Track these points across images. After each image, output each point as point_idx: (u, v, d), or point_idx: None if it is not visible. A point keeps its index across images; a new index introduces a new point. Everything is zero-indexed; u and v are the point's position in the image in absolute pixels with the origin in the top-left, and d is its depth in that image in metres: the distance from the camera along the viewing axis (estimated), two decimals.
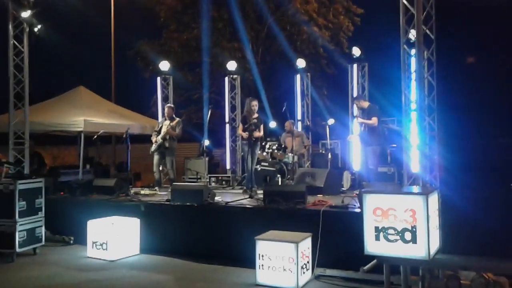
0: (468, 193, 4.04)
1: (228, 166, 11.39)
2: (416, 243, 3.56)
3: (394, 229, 3.61)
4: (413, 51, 5.48)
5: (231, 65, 11.46)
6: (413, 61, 5.50)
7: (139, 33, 18.09)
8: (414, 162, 5.56)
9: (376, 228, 3.68)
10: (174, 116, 9.12)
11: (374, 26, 16.57)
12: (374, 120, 7.67)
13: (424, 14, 5.03)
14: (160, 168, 9.19)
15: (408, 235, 3.57)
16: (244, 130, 7.94)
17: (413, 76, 5.42)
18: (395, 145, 8.57)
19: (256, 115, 8.13)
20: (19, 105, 8.20)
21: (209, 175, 10.61)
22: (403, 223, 3.58)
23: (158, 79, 11.52)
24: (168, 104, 9.71)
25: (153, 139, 8.94)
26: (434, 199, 3.78)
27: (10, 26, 8.01)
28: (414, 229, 3.55)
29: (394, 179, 8.55)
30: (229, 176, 10.53)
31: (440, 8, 4.89)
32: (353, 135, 8.26)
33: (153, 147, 8.91)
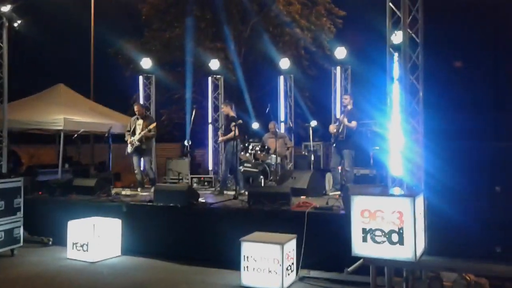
0: (452, 195, 4.09)
1: (210, 167, 11.33)
2: (403, 244, 3.58)
3: (382, 230, 3.63)
4: (396, 56, 5.55)
5: (214, 64, 11.40)
6: (397, 64, 5.57)
7: (121, 31, 17.84)
8: (397, 165, 5.62)
9: (364, 230, 3.69)
10: (145, 114, 8.98)
11: (356, 29, 16.73)
12: (353, 124, 7.79)
13: (410, 17, 5.09)
14: (141, 169, 9.06)
15: (395, 237, 3.60)
16: None
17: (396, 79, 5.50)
18: (377, 148, 8.67)
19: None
20: None
21: (191, 176, 10.54)
22: (391, 224, 3.61)
23: (140, 77, 11.38)
24: (137, 102, 9.43)
25: (128, 139, 8.74)
26: (420, 201, 3.82)
27: None
28: (401, 231, 3.58)
29: (376, 181, 8.66)
30: (211, 177, 10.49)
31: (426, 11, 4.95)
32: (333, 125, 8.31)
33: (129, 148, 8.70)
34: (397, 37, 5.37)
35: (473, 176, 4.13)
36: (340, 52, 9.82)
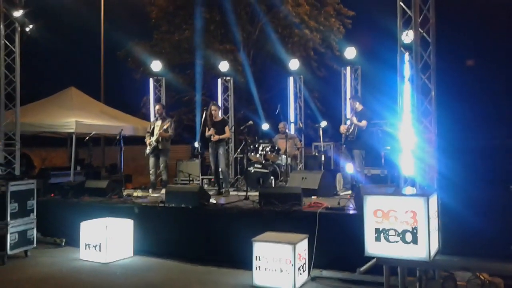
0: (465, 195, 4.07)
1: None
2: (416, 244, 3.57)
3: (395, 230, 3.62)
4: (406, 56, 5.54)
5: (224, 66, 11.43)
6: (408, 64, 5.56)
7: (130, 33, 17.94)
8: (409, 165, 5.59)
9: (377, 230, 3.68)
10: (165, 115, 9.08)
11: (366, 29, 16.68)
12: (363, 123, 7.78)
13: (421, 17, 5.07)
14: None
15: (408, 236, 3.59)
16: (205, 133, 8.35)
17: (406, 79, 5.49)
18: (389, 147, 8.63)
19: (219, 118, 8.43)
20: (10, 106, 8.09)
21: (201, 177, 10.57)
22: (404, 224, 3.59)
23: (151, 80, 11.45)
24: (159, 103, 9.61)
25: (147, 140, 8.89)
26: (434, 201, 3.80)
27: (1, 25, 7.90)
28: (415, 231, 3.56)
29: (387, 181, 8.63)
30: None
31: (437, 10, 4.93)
32: (344, 126, 8.34)
33: (148, 149, 8.84)
34: (408, 36, 5.35)
35: (486, 176, 4.11)
36: (350, 52, 9.79)
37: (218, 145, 8.31)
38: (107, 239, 6.18)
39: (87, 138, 9.53)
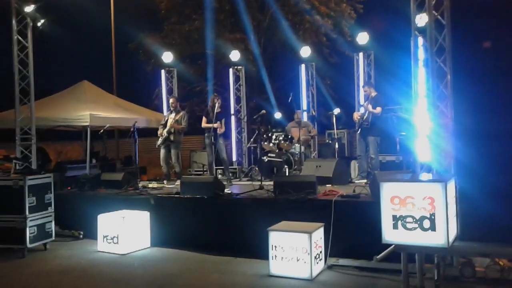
0: (484, 180, 4.00)
1: (234, 158, 11.35)
2: (435, 230, 3.52)
3: (413, 217, 3.57)
4: (420, 40, 5.45)
5: (235, 55, 11.38)
6: (422, 47, 5.47)
7: (140, 26, 17.95)
8: (425, 151, 5.52)
9: (394, 217, 3.64)
10: (179, 108, 9.13)
11: (378, 13, 16.43)
12: (378, 110, 7.72)
13: None
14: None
15: (426, 223, 3.54)
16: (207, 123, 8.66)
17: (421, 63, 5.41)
18: (404, 133, 8.55)
19: (218, 110, 8.66)
20: (25, 100, 8.17)
21: (215, 168, 10.58)
22: (422, 211, 3.54)
23: (162, 71, 11.46)
24: (172, 95, 9.73)
25: (159, 132, 8.97)
26: (451, 187, 3.74)
27: (13, 21, 7.95)
28: (433, 217, 3.51)
29: (402, 167, 8.56)
30: (236, 168, 10.52)
31: None
32: (357, 113, 8.30)
33: (159, 140, 8.93)
34: (422, 19, 5.26)
35: (504, 161, 4.03)
36: (362, 38, 9.66)
37: (218, 135, 8.61)
38: (124, 231, 6.24)
39: (101, 131, 9.60)
